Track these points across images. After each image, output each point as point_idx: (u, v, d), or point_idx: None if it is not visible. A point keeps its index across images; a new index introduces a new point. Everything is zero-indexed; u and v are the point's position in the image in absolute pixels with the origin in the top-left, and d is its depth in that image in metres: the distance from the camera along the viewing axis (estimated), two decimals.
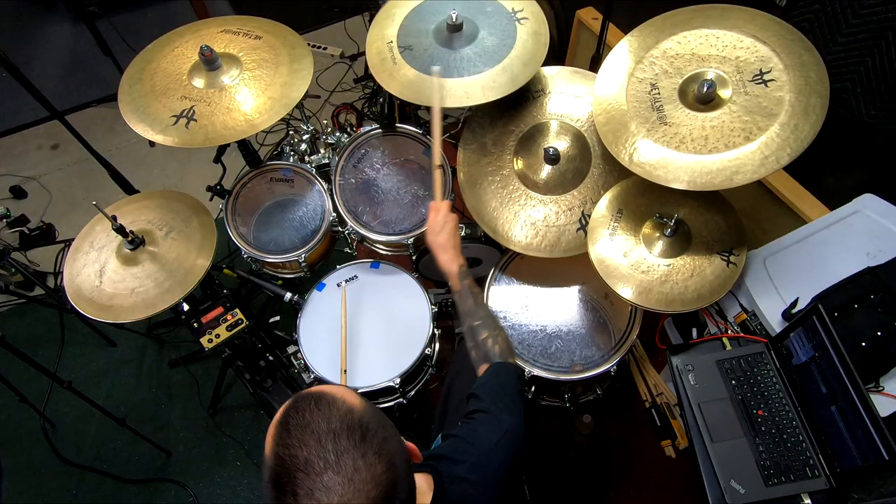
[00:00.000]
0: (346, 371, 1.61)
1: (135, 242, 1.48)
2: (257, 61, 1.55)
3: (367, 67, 3.10)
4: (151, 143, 1.46)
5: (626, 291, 1.45)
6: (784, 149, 1.22)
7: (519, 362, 1.61)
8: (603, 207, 1.54)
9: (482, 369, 1.12)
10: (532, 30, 1.52)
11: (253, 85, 1.51)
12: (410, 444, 0.79)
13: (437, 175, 1.36)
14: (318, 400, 0.70)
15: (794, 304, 1.42)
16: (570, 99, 1.65)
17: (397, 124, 1.76)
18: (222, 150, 1.74)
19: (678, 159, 1.30)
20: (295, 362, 1.75)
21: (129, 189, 1.80)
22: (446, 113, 2.81)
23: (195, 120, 1.45)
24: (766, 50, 1.31)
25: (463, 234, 1.86)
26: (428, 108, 2.29)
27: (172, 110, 1.46)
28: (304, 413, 0.68)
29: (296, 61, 1.55)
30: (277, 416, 0.70)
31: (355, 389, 1.04)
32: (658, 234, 1.48)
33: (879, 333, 1.28)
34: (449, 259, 1.27)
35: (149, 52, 1.58)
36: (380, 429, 0.70)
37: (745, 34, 1.34)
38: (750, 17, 1.36)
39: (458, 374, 1.50)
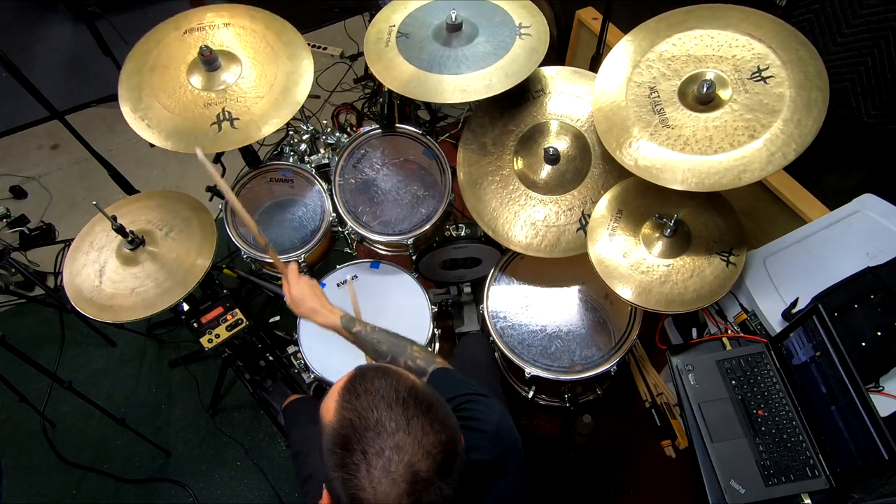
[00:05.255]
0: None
1: (135, 242, 1.48)
2: (257, 60, 1.55)
3: (366, 67, 3.11)
4: (152, 144, 1.46)
5: (625, 292, 1.45)
6: (790, 144, 1.22)
7: (519, 362, 1.62)
8: (603, 207, 1.54)
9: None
10: (530, 46, 1.52)
11: (257, 83, 1.51)
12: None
13: (271, 254, 1.30)
14: (384, 371, 0.73)
15: (794, 304, 1.42)
16: (570, 99, 1.65)
17: (397, 124, 1.75)
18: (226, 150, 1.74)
19: (684, 161, 1.30)
20: (295, 362, 1.76)
21: (129, 189, 1.80)
22: (445, 113, 2.82)
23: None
24: (761, 47, 1.31)
25: (463, 233, 1.86)
26: (427, 105, 2.29)
27: (179, 114, 1.46)
28: (373, 380, 0.71)
29: (294, 58, 1.55)
30: (341, 383, 0.72)
31: None
32: (658, 235, 1.48)
33: (879, 333, 1.28)
34: (325, 317, 1.22)
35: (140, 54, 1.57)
36: (442, 406, 0.73)
37: (740, 32, 1.35)
38: (743, 15, 1.36)
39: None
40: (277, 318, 2.12)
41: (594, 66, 1.88)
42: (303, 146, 1.92)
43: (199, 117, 1.46)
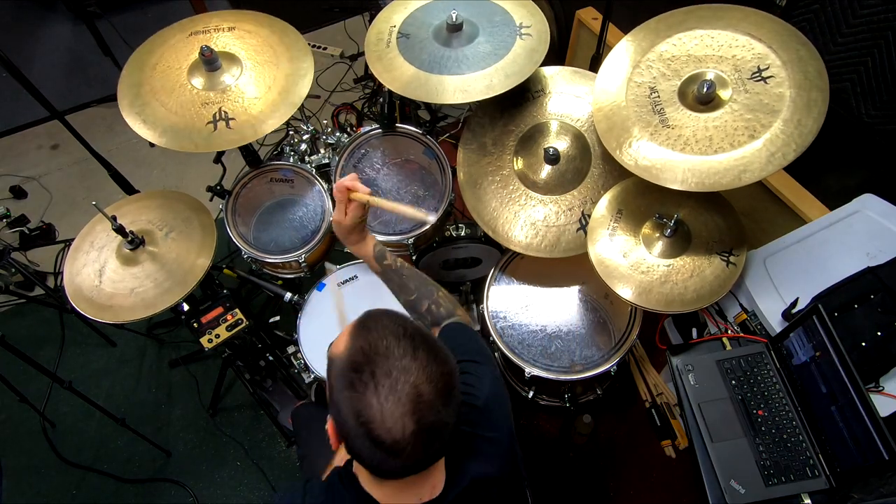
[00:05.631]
0: None
1: (134, 242, 1.48)
2: (258, 61, 1.55)
3: (366, 67, 3.10)
4: (151, 143, 1.46)
5: (625, 292, 1.45)
6: (790, 144, 1.22)
7: (519, 362, 1.61)
8: (603, 207, 1.54)
9: (434, 333, 1.10)
10: (530, 46, 1.51)
11: (256, 84, 1.51)
12: None
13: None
14: (391, 312, 0.79)
15: (794, 304, 1.42)
16: (570, 99, 1.65)
17: (397, 124, 1.76)
18: (222, 150, 1.74)
19: (684, 161, 1.30)
20: (295, 362, 1.76)
21: (129, 189, 1.80)
22: (446, 113, 2.82)
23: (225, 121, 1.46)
24: (762, 47, 1.32)
25: (463, 233, 1.86)
26: (427, 105, 2.28)
27: (177, 113, 1.46)
28: (382, 318, 0.76)
29: (295, 59, 1.56)
30: (351, 325, 0.78)
31: None
32: (658, 235, 1.48)
33: (879, 333, 1.28)
34: (356, 245, 1.17)
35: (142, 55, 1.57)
36: (444, 347, 0.78)
37: (740, 32, 1.35)
38: (743, 15, 1.37)
39: None
40: (277, 318, 2.11)
41: (594, 66, 1.88)
42: (303, 146, 1.92)
43: (195, 116, 1.46)
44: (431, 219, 1.66)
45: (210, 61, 1.49)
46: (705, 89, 1.30)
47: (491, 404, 0.94)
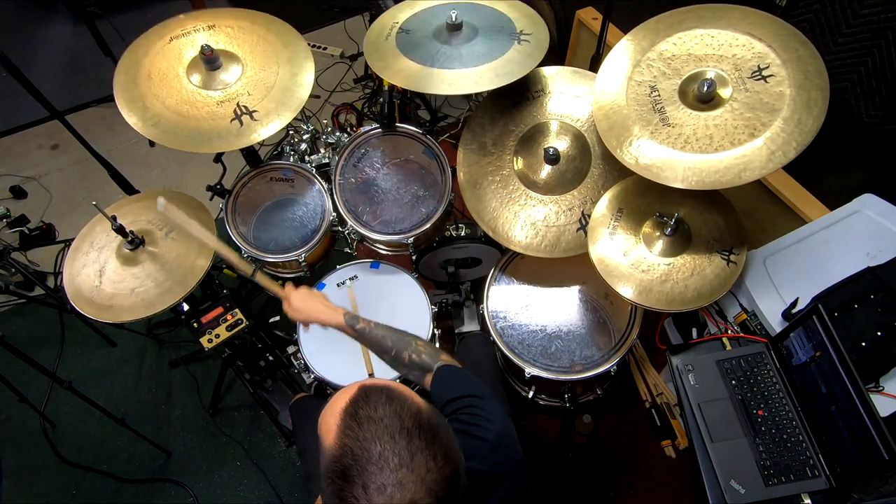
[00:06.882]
0: (372, 375, 1.60)
1: (134, 242, 1.48)
2: (254, 53, 1.55)
3: (366, 67, 3.11)
4: (151, 143, 1.46)
5: (626, 291, 1.45)
6: (790, 143, 1.22)
7: (519, 362, 1.62)
8: (603, 207, 1.54)
9: (428, 380, 1.12)
10: (526, 52, 1.51)
11: (265, 71, 1.52)
12: None
13: (261, 279, 1.34)
14: (388, 395, 0.70)
15: (794, 304, 1.42)
16: (570, 99, 1.65)
17: (397, 124, 1.75)
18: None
19: (685, 159, 1.30)
20: (295, 362, 1.76)
21: (129, 189, 1.80)
22: (446, 113, 2.82)
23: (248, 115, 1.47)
24: (762, 46, 1.32)
25: (462, 233, 1.86)
26: (427, 105, 2.28)
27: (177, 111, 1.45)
28: (377, 406, 0.68)
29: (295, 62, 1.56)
30: (343, 404, 0.70)
31: None
32: (658, 234, 1.48)
33: (879, 333, 1.28)
34: (329, 316, 1.23)
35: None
36: (447, 432, 0.71)
37: (740, 32, 1.35)
38: (742, 14, 1.37)
39: None
40: (277, 318, 2.11)
41: (594, 66, 1.88)
42: (303, 146, 1.92)
43: (216, 115, 1.46)
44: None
45: (210, 60, 1.49)
46: (706, 88, 1.30)
47: (502, 438, 0.92)
